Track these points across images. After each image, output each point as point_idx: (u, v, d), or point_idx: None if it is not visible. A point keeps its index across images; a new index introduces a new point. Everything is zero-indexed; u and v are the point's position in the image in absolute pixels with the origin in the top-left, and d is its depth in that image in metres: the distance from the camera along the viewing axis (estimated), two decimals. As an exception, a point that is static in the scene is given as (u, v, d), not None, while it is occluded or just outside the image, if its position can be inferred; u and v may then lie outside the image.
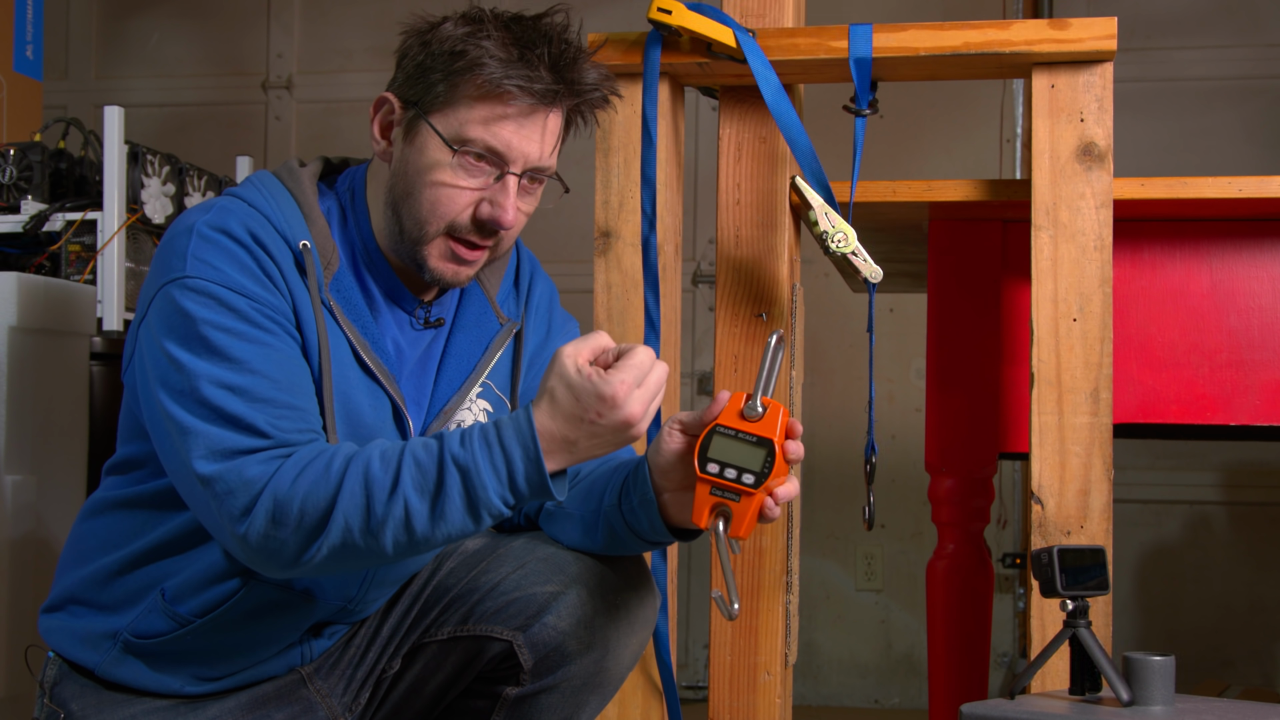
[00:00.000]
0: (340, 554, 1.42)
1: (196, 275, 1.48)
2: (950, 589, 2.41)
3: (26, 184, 2.62)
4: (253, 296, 1.49)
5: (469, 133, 1.53)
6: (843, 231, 1.91)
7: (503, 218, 1.55)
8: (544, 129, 1.56)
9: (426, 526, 1.40)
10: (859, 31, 1.93)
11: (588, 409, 1.37)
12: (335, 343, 1.55)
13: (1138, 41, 3.92)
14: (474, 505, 1.40)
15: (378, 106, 1.60)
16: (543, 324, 1.76)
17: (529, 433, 1.39)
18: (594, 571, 1.62)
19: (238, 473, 1.42)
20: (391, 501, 1.40)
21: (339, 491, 1.40)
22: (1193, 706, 1.54)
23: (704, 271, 4.16)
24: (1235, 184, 2.02)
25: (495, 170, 1.55)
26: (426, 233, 1.56)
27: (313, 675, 1.67)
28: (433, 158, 1.54)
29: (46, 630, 1.66)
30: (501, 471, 1.39)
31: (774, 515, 1.48)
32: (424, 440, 1.43)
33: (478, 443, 1.40)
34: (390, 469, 1.40)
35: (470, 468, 1.39)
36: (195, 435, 1.44)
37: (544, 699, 1.61)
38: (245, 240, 1.51)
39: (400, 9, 1.77)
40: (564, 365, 1.39)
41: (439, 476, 1.39)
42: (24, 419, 2.31)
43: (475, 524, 1.41)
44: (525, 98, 1.52)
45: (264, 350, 1.47)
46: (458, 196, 1.55)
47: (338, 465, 1.41)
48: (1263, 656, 3.88)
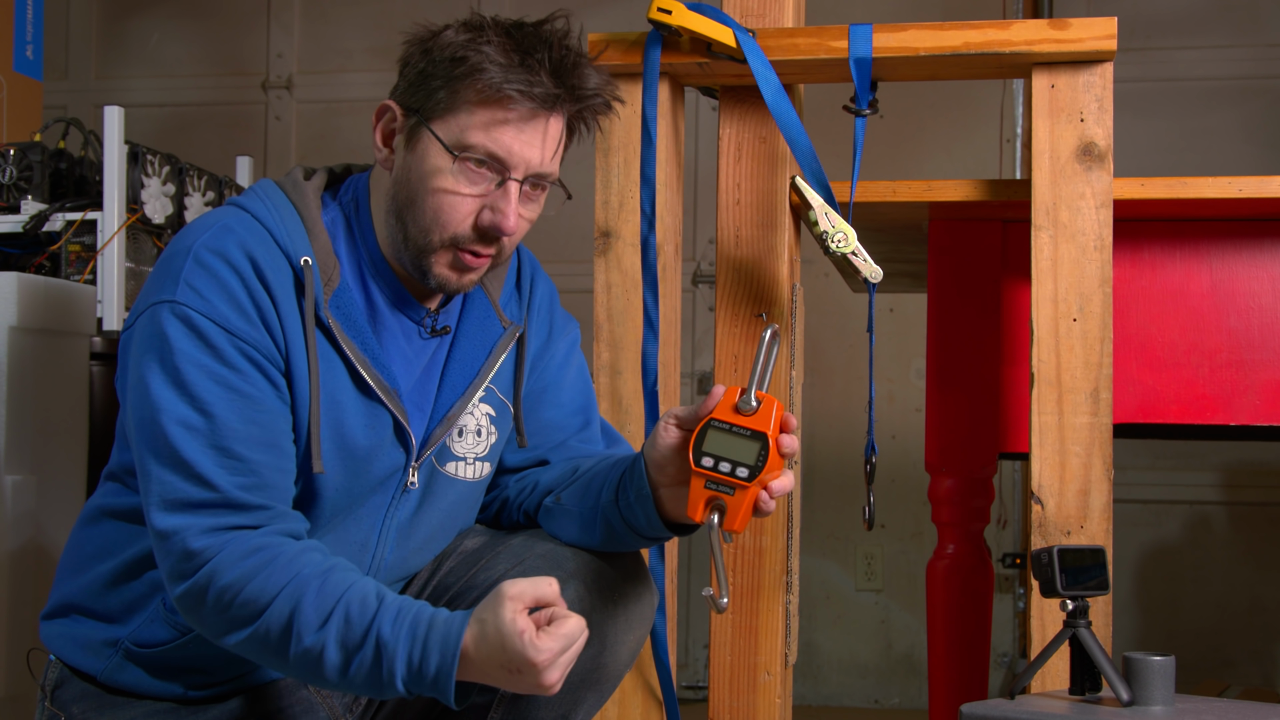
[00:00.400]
0: (253, 652, 1.47)
1: (184, 303, 1.49)
2: (950, 589, 2.41)
3: (26, 184, 2.62)
4: (236, 333, 1.49)
5: (469, 138, 1.53)
6: (843, 231, 1.91)
7: (504, 224, 1.54)
8: (545, 134, 1.55)
9: (335, 675, 1.43)
10: (859, 31, 1.93)
11: (510, 661, 1.39)
12: (329, 367, 1.55)
13: (1138, 41, 3.92)
14: (378, 679, 1.43)
15: (379, 115, 1.60)
16: (544, 326, 1.76)
17: (453, 650, 1.40)
18: (592, 567, 1.62)
19: (183, 541, 1.45)
20: (312, 640, 1.43)
21: (270, 605, 1.43)
22: (1193, 706, 1.54)
23: (704, 271, 4.16)
24: (1235, 184, 2.02)
25: (497, 176, 1.54)
26: (431, 242, 1.55)
27: (313, 676, 1.68)
28: (434, 164, 1.54)
29: (48, 637, 1.66)
30: (414, 665, 1.41)
31: (769, 509, 1.49)
32: (363, 595, 1.44)
33: (405, 632, 1.42)
34: (323, 612, 1.43)
35: (389, 651, 1.41)
36: (152, 479, 1.48)
37: (541, 696, 1.61)
38: (241, 266, 1.51)
39: (400, 9, 1.77)
40: (502, 610, 1.39)
41: (361, 642, 1.42)
42: (24, 419, 2.31)
43: (374, 691, 1.44)
44: (525, 102, 1.52)
45: (232, 396, 1.48)
46: (460, 204, 1.54)
47: (278, 578, 1.44)
48: (1263, 656, 3.88)
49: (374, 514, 1.62)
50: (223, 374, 1.48)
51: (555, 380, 1.76)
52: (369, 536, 1.62)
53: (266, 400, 1.50)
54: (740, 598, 2.00)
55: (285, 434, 1.52)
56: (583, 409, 1.78)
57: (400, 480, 1.62)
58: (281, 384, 1.52)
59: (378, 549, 1.63)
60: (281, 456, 1.51)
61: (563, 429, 1.75)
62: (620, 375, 2.00)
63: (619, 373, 2.00)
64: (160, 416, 1.47)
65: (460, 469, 1.67)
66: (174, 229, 2.70)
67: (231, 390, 1.48)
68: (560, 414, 1.75)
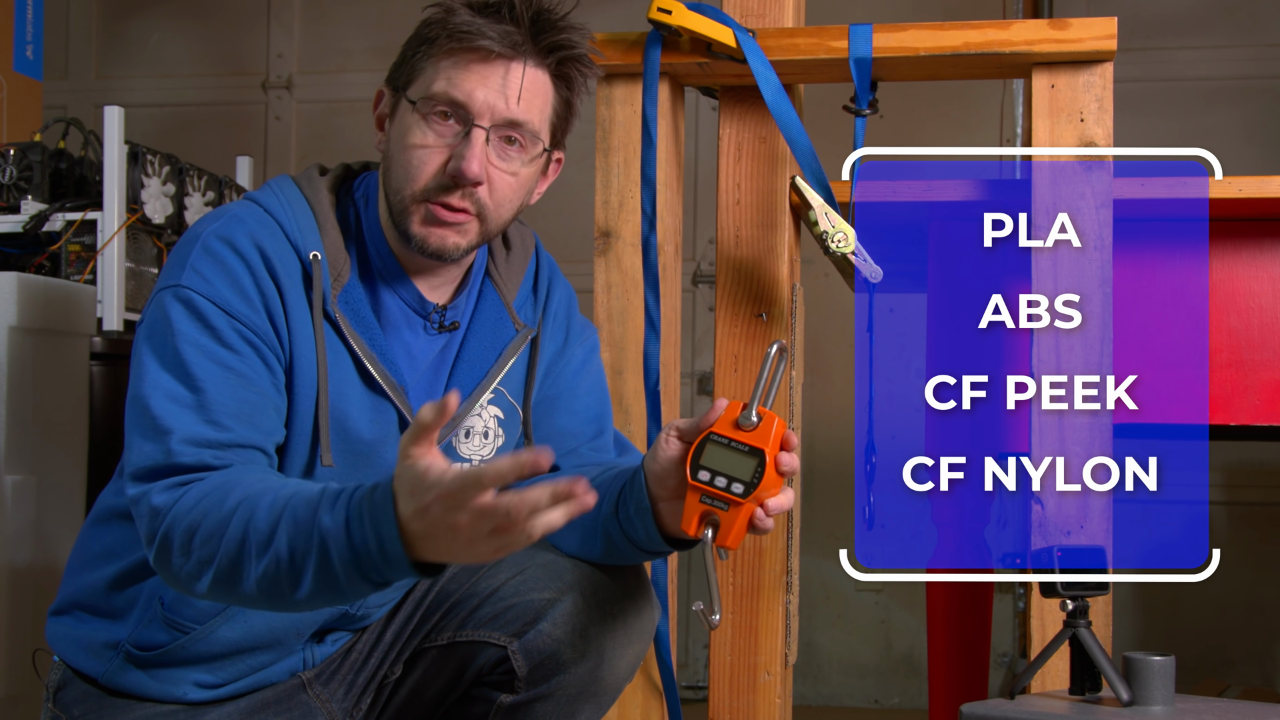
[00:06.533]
0: (224, 591, 1.42)
1: (188, 286, 1.50)
2: (950, 589, 2.41)
3: (26, 184, 2.62)
4: (236, 315, 1.50)
5: (433, 88, 1.53)
6: (843, 231, 1.91)
7: (466, 168, 1.52)
8: (506, 77, 1.53)
9: (294, 587, 1.37)
10: (859, 31, 1.93)
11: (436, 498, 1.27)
12: (336, 360, 1.55)
13: (1138, 41, 3.92)
14: (333, 578, 1.36)
15: (375, 102, 1.62)
16: (560, 331, 1.74)
17: (389, 516, 1.31)
18: (592, 579, 1.62)
19: (148, 500, 1.45)
20: (268, 557, 1.37)
21: (226, 533, 1.39)
22: (1193, 706, 1.54)
23: (704, 271, 4.16)
24: (1235, 184, 2.02)
25: (462, 127, 1.54)
26: (404, 199, 1.55)
27: (313, 681, 1.67)
28: (405, 124, 1.55)
29: (53, 636, 1.66)
30: (359, 545, 1.33)
31: (766, 527, 1.46)
32: (307, 495, 1.38)
33: (341, 514, 1.34)
34: (272, 523, 1.37)
35: (335, 539, 1.34)
36: (131, 451, 1.48)
37: (538, 707, 1.60)
38: (248, 253, 1.52)
39: (400, 9, 1.77)
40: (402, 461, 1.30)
41: (308, 542, 1.35)
42: (24, 419, 2.30)
43: (337, 596, 1.37)
44: (483, 42, 1.51)
45: (225, 373, 1.48)
46: (428, 156, 1.53)
47: (229, 505, 1.40)
48: (1263, 656, 3.88)
49: (378, 512, 1.62)
50: (218, 352, 1.49)
51: (570, 387, 1.74)
52: (372, 536, 1.62)
53: (259, 381, 1.50)
54: (740, 598, 2.00)
55: (269, 414, 1.51)
56: (597, 417, 1.76)
57: None
58: (277, 368, 1.52)
59: (380, 549, 1.62)
60: (260, 434, 1.50)
61: (576, 436, 1.74)
62: (621, 375, 2.00)
63: (620, 373, 2.00)
64: (150, 392, 1.47)
65: None
66: (174, 229, 2.70)
67: (225, 368, 1.48)
68: (574, 421, 1.74)
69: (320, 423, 1.53)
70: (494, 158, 1.55)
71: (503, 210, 1.58)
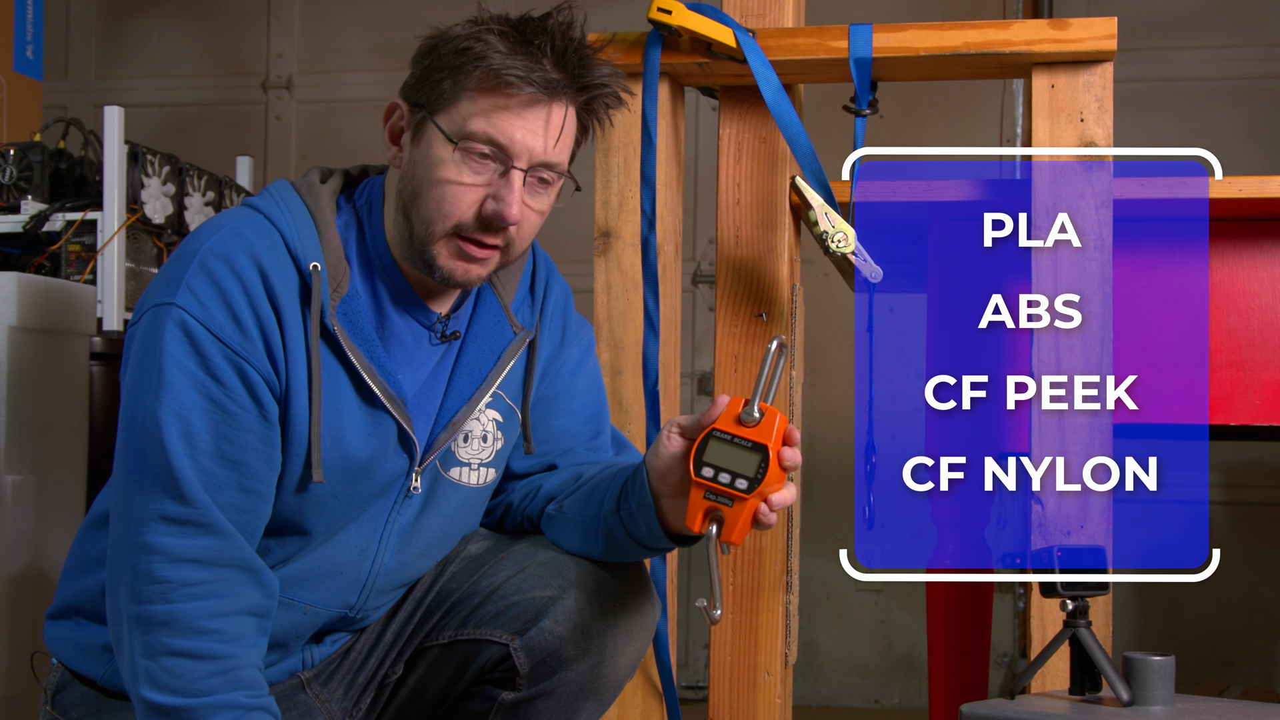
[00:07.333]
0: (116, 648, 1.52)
1: (183, 307, 1.49)
2: (950, 589, 2.41)
3: (26, 184, 2.62)
4: (230, 344, 1.49)
5: (471, 126, 1.52)
6: (843, 231, 1.91)
7: (507, 213, 1.52)
8: (547, 121, 1.54)
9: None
10: (859, 31, 1.93)
11: None
12: (332, 377, 1.55)
13: (1138, 41, 3.92)
14: None
15: (388, 114, 1.60)
16: (557, 331, 1.74)
17: None
18: (593, 576, 1.62)
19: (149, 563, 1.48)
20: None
21: None
22: (1193, 706, 1.54)
23: (704, 271, 4.16)
24: (1235, 184, 2.02)
25: (500, 165, 1.53)
26: (433, 232, 1.54)
27: (312, 681, 1.67)
28: (437, 155, 1.53)
29: (51, 639, 1.66)
30: None
31: (769, 522, 1.47)
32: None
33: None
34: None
35: None
36: (116, 473, 1.52)
37: (540, 704, 1.61)
38: (247, 276, 1.50)
39: (400, 9, 1.77)
40: None
41: None
42: (24, 419, 2.30)
43: None
44: (526, 87, 1.51)
45: (210, 408, 1.49)
46: (463, 194, 1.53)
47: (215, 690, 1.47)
48: (1263, 656, 3.88)
49: (375, 519, 1.62)
50: (206, 384, 1.48)
51: (567, 387, 1.74)
52: (369, 541, 1.62)
53: (245, 418, 1.50)
54: (740, 598, 2.00)
55: (255, 452, 1.51)
56: (594, 417, 1.76)
57: (403, 485, 1.62)
58: (268, 401, 1.51)
59: (378, 554, 1.63)
60: (242, 474, 1.51)
61: (573, 437, 1.74)
62: (621, 375, 2.00)
63: (619, 373, 2.00)
64: (137, 413, 1.49)
65: (464, 475, 1.66)
66: (174, 229, 2.70)
67: (211, 401, 1.48)
68: (571, 422, 1.74)
69: (313, 441, 1.53)
70: (527, 197, 1.55)
71: (525, 241, 1.60)
